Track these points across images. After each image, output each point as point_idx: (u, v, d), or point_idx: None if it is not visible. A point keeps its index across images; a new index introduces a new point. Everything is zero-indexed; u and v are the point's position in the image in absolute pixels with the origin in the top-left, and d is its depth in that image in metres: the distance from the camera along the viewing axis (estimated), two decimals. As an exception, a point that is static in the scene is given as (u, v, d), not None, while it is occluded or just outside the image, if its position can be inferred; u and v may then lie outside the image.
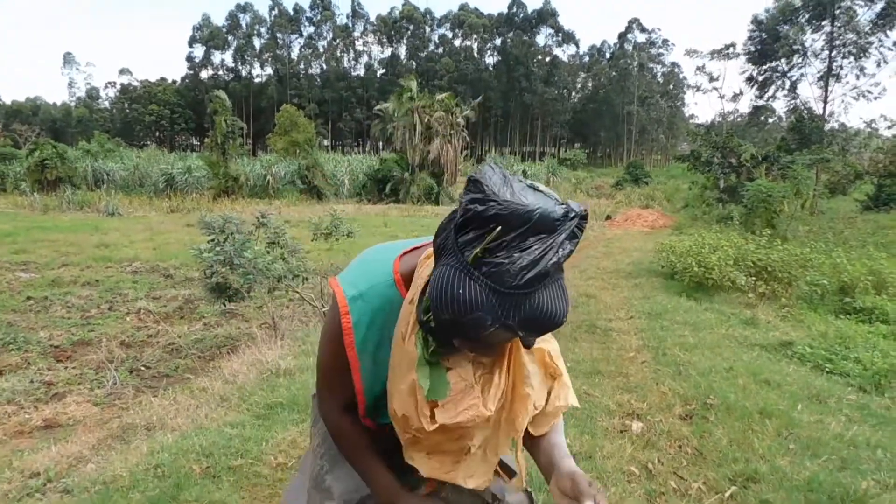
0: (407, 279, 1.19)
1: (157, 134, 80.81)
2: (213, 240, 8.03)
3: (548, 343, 1.21)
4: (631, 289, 8.80)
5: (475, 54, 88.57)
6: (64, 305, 8.16)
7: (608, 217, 24.46)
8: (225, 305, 7.95)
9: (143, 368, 5.88)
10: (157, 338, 6.80)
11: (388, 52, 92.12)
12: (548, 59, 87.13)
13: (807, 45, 29.70)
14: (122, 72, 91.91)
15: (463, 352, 1.08)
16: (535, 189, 0.98)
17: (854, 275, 8.85)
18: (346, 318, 1.20)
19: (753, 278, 8.62)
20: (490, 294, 0.92)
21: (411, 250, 1.26)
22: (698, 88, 58.85)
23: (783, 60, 30.89)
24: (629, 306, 7.46)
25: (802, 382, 4.71)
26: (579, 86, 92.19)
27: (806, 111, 30.24)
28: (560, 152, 76.56)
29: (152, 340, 6.72)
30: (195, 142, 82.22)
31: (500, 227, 0.91)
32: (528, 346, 1.01)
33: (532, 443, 1.29)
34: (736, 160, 22.34)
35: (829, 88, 29.11)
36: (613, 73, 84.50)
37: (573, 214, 0.96)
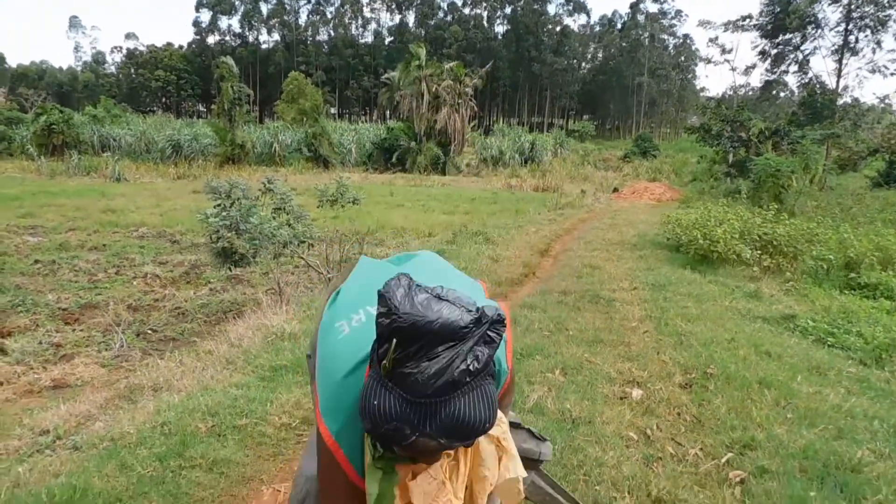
0: None
1: (164, 100, 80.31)
2: (219, 205, 8.05)
3: (500, 426, 1.24)
4: (635, 260, 8.79)
5: (484, 23, 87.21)
6: (71, 269, 8.22)
7: (615, 190, 24.35)
8: (231, 270, 8.00)
9: (149, 332, 5.95)
10: (164, 302, 6.86)
11: (396, 19, 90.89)
12: (558, 28, 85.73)
13: (820, 17, 29.12)
14: (128, 36, 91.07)
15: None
16: (442, 299, 0.99)
17: (860, 250, 8.81)
18: (339, 453, 1.18)
19: (759, 252, 8.60)
20: (403, 404, 0.94)
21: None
22: (710, 61, 58.08)
23: (797, 34, 30.32)
24: (633, 277, 7.46)
25: (803, 355, 4.73)
26: (589, 56, 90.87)
27: (818, 85, 29.80)
28: (568, 124, 75.87)
29: (159, 304, 6.79)
30: (202, 108, 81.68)
31: (396, 340, 0.94)
32: (468, 446, 1.09)
33: None
34: (745, 134, 22.12)
35: (844, 62, 28.63)
36: (624, 44, 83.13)
37: (485, 321, 0.97)
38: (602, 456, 2.98)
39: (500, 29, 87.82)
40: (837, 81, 28.93)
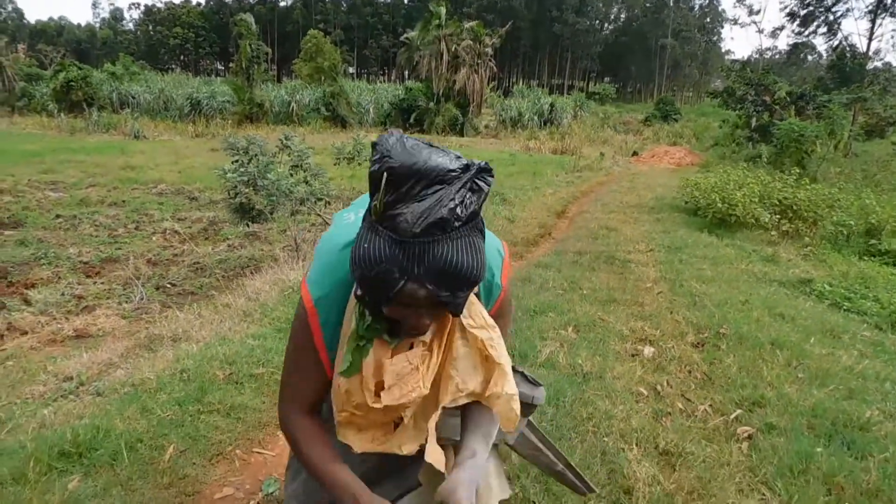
0: None
1: (182, 57, 80.00)
2: (236, 161, 8.08)
3: (488, 331, 1.19)
4: (652, 223, 8.73)
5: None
6: (92, 224, 8.34)
7: (634, 153, 24.02)
8: (248, 227, 8.06)
9: (168, 285, 6.04)
10: (183, 257, 6.95)
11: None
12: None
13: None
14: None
15: (403, 330, 1.11)
16: (431, 146, 1.01)
17: (882, 217, 8.67)
18: (313, 318, 1.21)
19: (778, 216, 8.50)
20: (392, 245, 0.96)
21: None
22: (736, 22, 56.40)
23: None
24: (649, 240, 7.43)
25: (818, 318, 4.72)
26: (612, 17, 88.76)
27: (848, 48, 28.91)
28: (589, 86, 74.57)
29: (178, 259, 6.88)
30: (220, 66, 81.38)
31: (385, 182, 0.96)
32: (455, 311, 1.05)
33: (463, 414, 1.31)
34: (770, 98, 21.60)
35: (878, 23, 27.69)
36: (648, 5, 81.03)
37: (473, 168, 0.99)
38: (612, 409, 3.02)
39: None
40: (869, 44, 28.14)
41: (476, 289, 1.20)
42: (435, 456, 1.14)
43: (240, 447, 2.74)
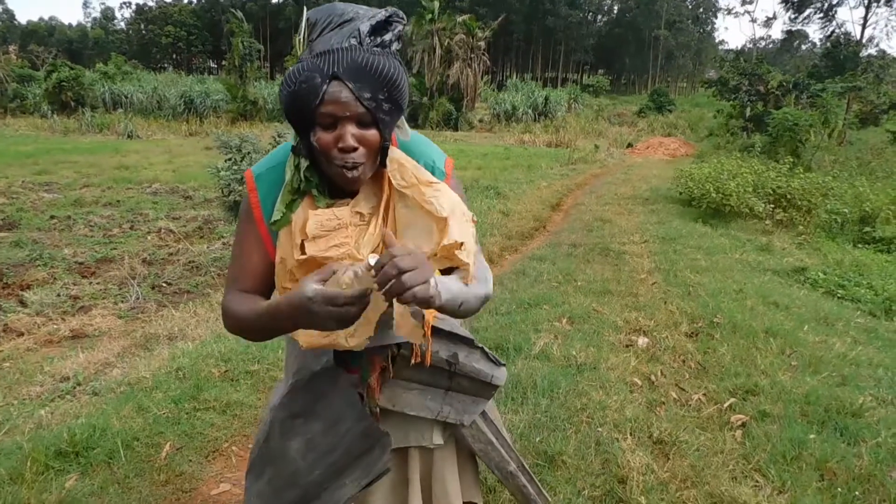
0: None
1: (174, 56, 79.66)
2: (230, 159, 8.06)
3: (420, 188, 1.15)
4: (647, 214, 8.76)
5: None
6: (86, 224, 8.31)
7: (629, 145, 24.05)
8: (243, 225, 8.05)
9: (164, 285, 6.04)
10: (178, 256, 6.94)
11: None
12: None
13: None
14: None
15: (333, 168, 1.12)
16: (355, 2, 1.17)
17: (876, 204, 8.71)
18: (253, 194, 1.24)
19: (772, 206, 8.53)
20: (315, 58, 1.08)
21: None
22: (729, 11, 56.44)
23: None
24: (643, 231, 7.45)
25: (812, 306, 4.74)
26: (605, 9, 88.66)
27: (843, 36, 28.90)
28: (583, 78, 74.42)
29: (173, 258, 6.87)
30: (212, 65, 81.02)
31: (307, 22, 1.14)
32: (381, 127, 1.10)
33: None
34: (764, 88, 21.62)
35: (871, 11, 27.69)
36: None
37: (388, 12, 1.15)
38: (606, 399, 3.03)
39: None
40: (863, 31, 28.13)
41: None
42: (407, 328, 1.13)
43: (236, 444, 2.76)
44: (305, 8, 1.34)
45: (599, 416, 2.90)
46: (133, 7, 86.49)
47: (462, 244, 1.09)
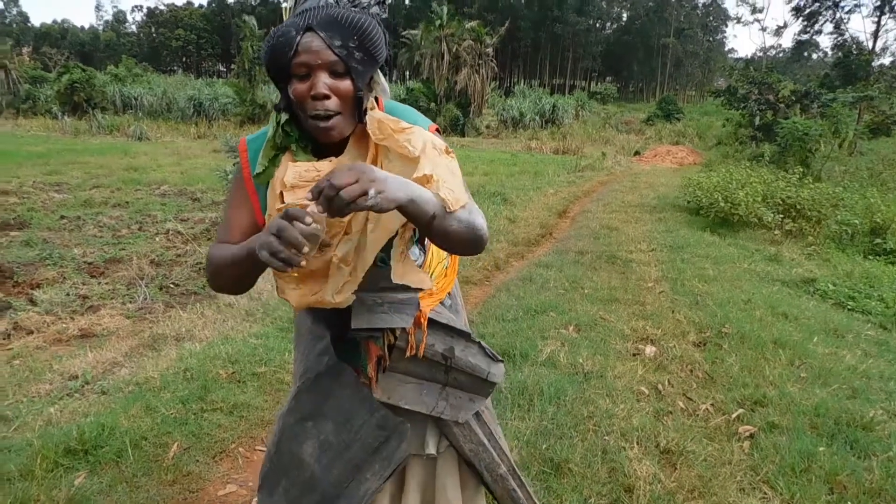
0: None
1: (184, 59, 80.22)
2: (237, 163, 8.09)
3: (395, 135, 1.17)
4: (654, 223, 8.73)
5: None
6: (96, 225, 8.37)
7: (637, 153, 24.01)
8: (251, 228, 8.07)
9: (171, 286, 6.06)
10: (186, 257, 6.97)
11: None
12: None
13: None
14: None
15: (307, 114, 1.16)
16: None
17: (888, 215, 8.65)
18: (243, 154, 1.31)
19: (781, 216, 8.49)
20: (295, 17, 1.15)
21: None
22: (739, 20, 56.37)
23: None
24: (651, 239, 7.43)
25: (821, 317, 4.71)
26: (614, 16, 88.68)
27: (854, 45, 28.77)
28: (591, 86, 74.46)
29: (181, 260, 6.90)
30: (221, 68, 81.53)
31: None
32: (354, 75, 1.14)
33: None
34: (773, 97, 21.55)
35: (883, 21, 27.56)
36: (651, 3, 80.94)
37: None
38: (612, 408, 3.02)
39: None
40: (874, 41, 27.94)
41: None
42: (409, 276, 1.17)
43: (243, 445, 2.76)
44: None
45: (606, 424, 2.89)
46: (144, 10, 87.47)
47: (430, 176, 1.10)
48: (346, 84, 1.14)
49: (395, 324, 1.29)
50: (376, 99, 1.26)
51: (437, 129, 1.34)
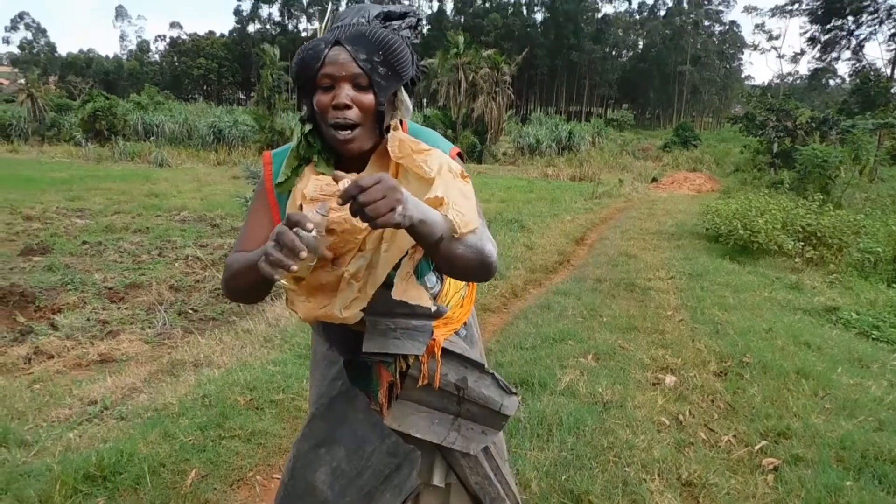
0: None
1: (205, 87, 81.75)
2: (257, 185, 8.19)
3: (413, 156, 1.18)
4: (672, 250, 8.68)
5: (523, 10, 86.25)
6: (117, 250, 8.49)
7: (654, 180, 23.97)
8: (269, 254, 8.13)
9: (190, 311, 6.12)
10: (204, 283, 7.04)
11: (435, 6, 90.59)
12: (598, 15, 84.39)
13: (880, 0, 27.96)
14: (172, 25, 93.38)
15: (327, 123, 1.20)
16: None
17: (911, 243, 8.53)
18: (268, 166, 1.34)
19: (801, 243, 8.40)
20: (326, 34, 1.20)
21: None
22: (755, 48, 56.53)
23: (850, 19, 29.23)
24: (669, 267, 7.37)
25: (845, 347, 4.63)
26: (630, 44, 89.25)
27: (872, 73, 28.67)
28: (607, 113, 74.66)
29: (199, 285, 6.96)
30: (241, 96, 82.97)
31: (333, 10, 1.30)
32: (377, 89, 1.17)
33: None
34: (791, 124, 21.48)
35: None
36: (667, 31, 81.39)
37: (406, 8, 1.28)
38: (633, 439, 2.98)
39: (538, 16, 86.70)
40: (892, 68, 27.84)
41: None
42: (409, 293, 1.16)
43: (260, 473, 2.75)
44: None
45: (627, 455, 2.84)
46: (167, 40, 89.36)
47: (442, 199, 1.10)
48: (368, 97, 1.18)
49: (407, 350, 1.29)
50: (401, 121, 1.29)
51: (460, 154, 1.36)
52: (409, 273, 1.17)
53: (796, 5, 34.29)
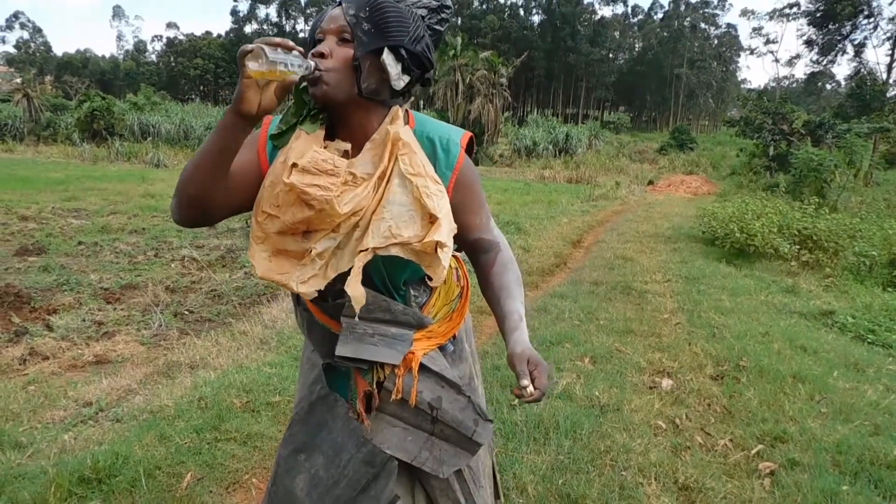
0: None
1: (202, 88, 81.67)
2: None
3: (424, 179, 1.17)
4: (669, 253, 8.69)
5: (520, 12, 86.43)
6: (112, 251, 8.45)
7: (650, 182, 24.03)
8: (265, 255, 8.11)
9: (186, 312, 6.09)
10: (201, 284, 7.01)
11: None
12: (595, 18, 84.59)
13: (874, 4, 28.07)
14: (169, 25, 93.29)
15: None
16: None
17: (906, 247, 8.56)
18: (267, 121, 1.32)
19: (797, 247, 8.42)
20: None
21: None
22: (752, 51, 56.77)
23: (847, 22, 29.33)
24: (666, 270, 7.39)
25: (841, 350, 4.64)
26: (627, 47, 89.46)
27: (868, 76, 28.77)
28: (604, 115, 74.84)
29: (196, 287, 6.93)
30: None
31: None
32: (358, 39, 1.18)
33: (491, 308, 1.44)
34: (788, 127, 21.54)
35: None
36: (665, 34, 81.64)
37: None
38: (629, 442, 2.98)
39: (535, 18, 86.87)
40: (889, 72, 27.93)
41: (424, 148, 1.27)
42: (357, 290, 1.14)
43: (256, 476, 2.74)
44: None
45: (623, 459, 2.84)
46: (164, 40, 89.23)
47: (445, 246, 1.14)
48: (346, 50, 1.20)
49: (382, 357, 1.25)
50: (406, 112, 1.29)
51: (472, 138, 1.37)
52: (358, 270, 1.15)
53: (794, 8, 34.37)
